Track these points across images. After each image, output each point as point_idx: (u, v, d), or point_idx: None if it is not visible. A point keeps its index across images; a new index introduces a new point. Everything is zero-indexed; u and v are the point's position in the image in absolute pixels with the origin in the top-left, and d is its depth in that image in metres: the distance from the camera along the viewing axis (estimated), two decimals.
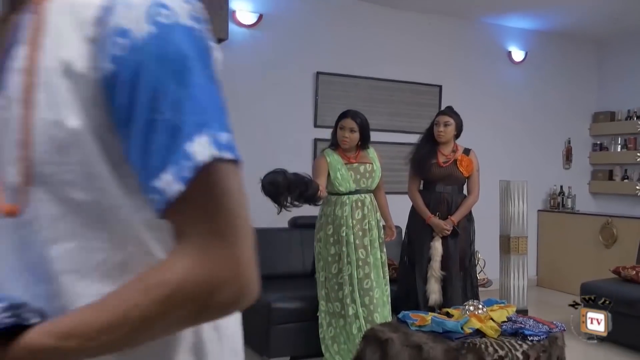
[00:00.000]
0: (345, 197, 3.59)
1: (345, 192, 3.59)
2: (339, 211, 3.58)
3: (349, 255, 3.53)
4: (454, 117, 3.88)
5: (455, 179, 3.86)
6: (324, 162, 3.62)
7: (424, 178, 3.93)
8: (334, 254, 3.58)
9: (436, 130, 3.86)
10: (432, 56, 5.85)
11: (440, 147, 3.89)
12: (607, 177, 6.67)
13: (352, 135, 3.61)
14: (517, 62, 6.35)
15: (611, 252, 5.70)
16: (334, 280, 3.58)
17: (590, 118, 6.89)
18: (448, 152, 3.89)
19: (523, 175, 5.53)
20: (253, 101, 5.01)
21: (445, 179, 3.85)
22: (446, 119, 3.85)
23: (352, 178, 3.60)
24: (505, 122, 6.29)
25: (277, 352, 3.67)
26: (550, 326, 2.91)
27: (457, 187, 3.90)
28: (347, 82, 5.37)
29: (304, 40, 5.24)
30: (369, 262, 3.57)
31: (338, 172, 3.59)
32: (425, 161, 3.86)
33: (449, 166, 3.84)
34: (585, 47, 6.84)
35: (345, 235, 3.54)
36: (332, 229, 3.59)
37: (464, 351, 2.61)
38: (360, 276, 3.54)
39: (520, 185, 5.01)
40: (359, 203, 3.61)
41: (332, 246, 3.59)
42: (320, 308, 3.63)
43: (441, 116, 3.90)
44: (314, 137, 5.22)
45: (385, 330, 2.83)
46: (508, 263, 4.94)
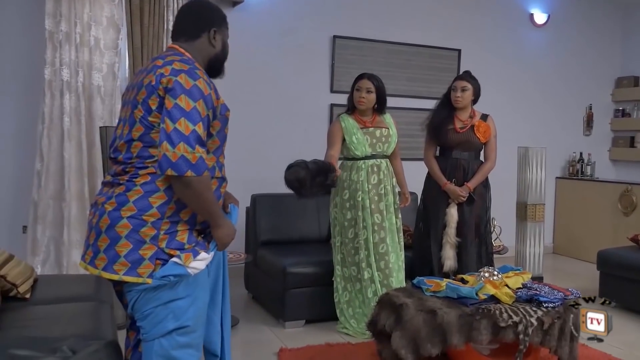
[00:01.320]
0: (361, 162, 3.58)
1: (360, 157, 3.57)
2: (355, 176, 3.57)
3: (364, 219, 3.54)
4: (472, 82, 3.80)
5: (472, 145, 3.80)
6: (338, 128, 3.60)
7: (441, 144, 3.89)
8: (350, 219, 3.59)
9: (453, 95, 3.80)
10: (451, 19, 5.71)
11: (457, 112, 3.83)
12: (628, 144, 6.55)
13: (369, 96, 3.57)
14: (539, 25, 6.18)
15: (630, 220, 5.64)
16: (350, 244, 3.60)
17: (613, 83, 6.73)
18: (465, 118, 3.83)
19: (542, 142, 5.45)
20: (269, 65, 4.96)
21: (462, 145, 3.79)
22: (463, 84, 3.78)
23: (367, 142, 3.58)
24: (525, 87, 6.18)
25: (293, 315, 3.72)
26: (565, 293, 2.90)
27: (473, 153, 3.84)
28: (364, 46, 5.28)
29: (320, 3, 5.15)
30: (385, 226, 3.58)
31: (354, 136, 3.56)
32: (441, 127, 3.81)
33: (465, 132, 3.78)
34: (610, 10, 6.63)
35: (361, 200, 3.54)
36: (348, 193, 3.59)
37: (478, 317, 2.62)
38: (376, 240, 3.55)
39: (538, 152, 4.94)
40: (375, 168, 3.60)
41: (349, 211, 3.59)
42: (336, 272, 3.67)
43: (458, 81, 3.83)
44: (330, 102, 5.18)
45: (400, 295, 2.85)
46: (524, 230, 4.92)
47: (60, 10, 4.03)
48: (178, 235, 1.82)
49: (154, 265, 1.78)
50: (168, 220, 1.81)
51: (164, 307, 1.81)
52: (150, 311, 1.82)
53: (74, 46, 4.08)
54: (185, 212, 1.84)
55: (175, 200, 1.81)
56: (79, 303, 2.63)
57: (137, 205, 1.78)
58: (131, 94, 1.89)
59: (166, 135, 1.70)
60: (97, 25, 4.17)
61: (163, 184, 1.80)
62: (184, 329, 1.84)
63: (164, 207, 1.80)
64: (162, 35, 4.33)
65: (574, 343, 2.85)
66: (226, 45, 2.04)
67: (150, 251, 1.78)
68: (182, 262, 1.79)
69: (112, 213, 1.78)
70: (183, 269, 1.79)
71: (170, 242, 1.80)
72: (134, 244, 1.77)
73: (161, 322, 1.82)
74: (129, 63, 4.33)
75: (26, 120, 4.20)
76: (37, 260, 4.05)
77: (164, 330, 1.82)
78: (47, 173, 4.07)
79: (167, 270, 1.78)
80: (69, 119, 4.09)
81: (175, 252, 1.80)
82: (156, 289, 1.80)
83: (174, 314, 1.82)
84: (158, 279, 1.77)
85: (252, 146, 4.87)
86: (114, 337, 2.21)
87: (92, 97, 4.17)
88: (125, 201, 1.79)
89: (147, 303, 1.82)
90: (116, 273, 1.77)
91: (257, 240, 4.21)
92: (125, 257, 1.76)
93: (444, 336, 2.60)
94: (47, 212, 4.08)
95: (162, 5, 4.32)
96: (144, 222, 1.78)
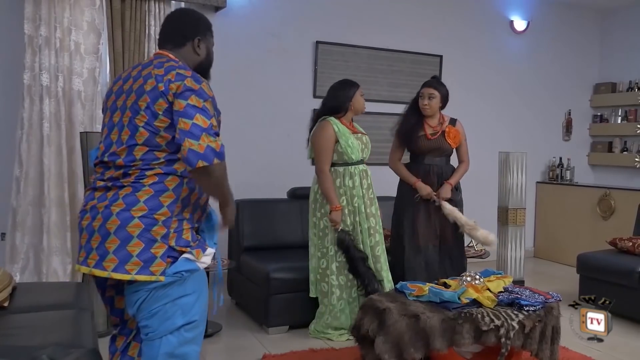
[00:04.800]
0: (352, 168, 3.57)
1: (353, 162, 3.57)
2: (350, 182, 3.56)
3: (360, 224, 3.56)
4: (439, 89, 3.82)
5: (443, 150, 3.85)
6: (332, 132, 3.53)
7: (411, 150, 3.92)
8: (350, 224, 3.57)
9: (421, 103, 3.81)
10: (432, 25, 5.77)
11: (426, 118, 3.86)
12: (606, 149, 6.66)
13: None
14: (519, 32, 6.27)
15: (608, 224, 5.73)
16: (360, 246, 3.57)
17: (591, 89, 6.84)
18: (435, 124, 3.86)
19: (522, 147, 5.51)
20: (252, 71, 4.96)
21: (434, 152, 3.84)
22: (430, 91, 3.80)
23: (359, 147, 3.59)
24: (506, 92, 6.25)
25: (276, 321, 3.71)
26: (546, 296, 2.93)
27: (445, 159, 3.90)
28: (346, 52, 5.30)
29: (303, 8, 5.16)
30: (378, 230, 3.61)
31: (349, 140, 3.54)
32: (412, 134, 3.83)
33: (437, 139, 3.82)
34: (589, 17, 6.75)
35: (358, 205, 3.55)
36: (345, 200, 3.57)
37: (460, 321, 2.64)
38: (372, 244, 3.58)
39: (519, 157, 5.00)
40: (364, 173, 3.61)
41: (347, 217, 3.56)
42: (331, 282, 3.55)
43: (425, 88, 3.83)
44: (313, 107, 5.18)
45: (383, 299, 2.85)
46: (506, 234, 4.96)
47: (39, 14, 3.98)
48: (184, 233, 1.89)
49: (165, 263, 1.83)
50: (176, 219, 1.87)
51: (173, 303, 1.86)
52: (159, 309, 1.86)
53: (54, 51, 4.04)
54: (187, 211, 1.92)
55: (181, 199, 1.89)
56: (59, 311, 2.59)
57: (148, 204, 1.83)
58: (128, 101, 1.91)
59: (186, 133, 1.76)
60: (77, 29, 4.13)
61: (171, 184, 1.87)
62: (191, 325, 1.90)
63: (173, 206, 1.87)
64: (143, 40, 4.30)
65: (555, 346, 2.89)
66: (210, 53, 2.11)
67: (161, 249, 1.83)
68: (195, 258, 1.88)
69: (122, 214, 1.81)
70: (194, 264, 1.88)
71: (179, 240, 1.87)
72: (145, 243, 1.81)
73: (169, 318, 1.87)
74: (110, 68, 4.29)
75: (5, 126, 4.14)
76: (16, 268, 3.98)
77: (173, 326, 1.87)
78: (27, 179, 4.01)
79: (180, 266, 1.85)
80: (49, 124, 4.03)
81: (186, 249, 1.87)
82: (165, 286, 1.84)
83: (182, 310, 1.88)
84: (171, 275, 1.83)
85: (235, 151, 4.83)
86: (95, 345, 2.18)
87: (73, 102, 4.13)
88: (135, 201, 1.82)
89: (156, 301, 1.85)
90: (128, 273, 1.80)
91: (240, 246, 4.19)
92: (137, 257, 1.80)
93: (427, 340, 2.62)
94: (26, 218, 4.02)
95: (143, 10, 4.29)
96: (156, 221, 1.83)
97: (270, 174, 4.95)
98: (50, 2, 4.01)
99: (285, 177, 4.73)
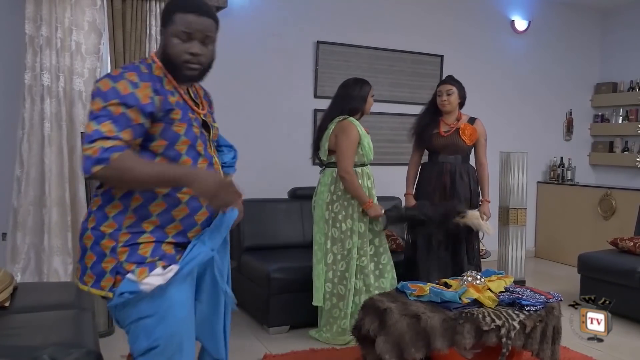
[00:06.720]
0: (367, 169, 3.56)
1: (367, 163, 3.55)
2: (368, 182, 3.53)
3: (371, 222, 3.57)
4: (456, 85, 3.83)
5: (457, 148, 3.79)
6: (357, 133, 3.46)
7: (427, 148, 3.91)
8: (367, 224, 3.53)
9: (439, 100, 3.82)
10: (434, 25, 5.77)
11: (443, 116, 3.85)
12: (607, 148, 6.66)
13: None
14: (520, 32, 6.26)
15: (609, 224, 5.72)
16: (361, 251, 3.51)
17: (592, 89, 6.84)
18: (451, 122, 3.84)
19: (523, 147, 5.51)
20: (252, 71, 4.96)
21: (447, 149, 3.80)
22: (448, 87, 3.81)
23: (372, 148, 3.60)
24: (507, 92, 6.25)
25: (277, 321, 3.71)
26: (547, 296, 2.93)
27: (460, 157, 3.83)
28: (347, 52, 5.30)
29: (304, 9, 5.16)
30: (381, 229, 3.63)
31: (366, 141, 3.51)
32: (425, 131, 3.83)
33: (450, 135, 3.79)
34: (590, 17, 6.75)
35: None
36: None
37: (461, 321, 2.63)
38: (377, 244, 3.59)
39: (520, 157, 5.00)
40: (371, 175, 3.60)
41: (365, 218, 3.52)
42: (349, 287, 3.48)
43: (443, 85, 3.86)
44: (314, 107, 5.18)
45: (384, 299, 2.85)
46: (507, 234, 4.96)
47: (40, 14, 3.98)
48: (140, 248, 1.71)
49: (114, 279, 1.69)
50: (127, 232, 1.71)
51: (136, 324, 1.71)
52: (128, 328, 1.74)
53: (55, 51, 4.04)
54: (149, 223, 1.73)
55: (133, 209, 1.71)
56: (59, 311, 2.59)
57: (96, 216, 1.74)
58: None
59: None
60: (78, 29, 4.13)
61: (118, 192, 1.72)
62: (155, 350, 1.69)
63: (120, 217, 1.71)
64: (144, 40, 4.30)
65: (556, 346, 2.89)
66: (168, 45, 1.77)
67: (110, 264, 1.69)
68: (136, 278, 1.66)
69: (83, 224, 1.77)
70: (136, 285, 1.65)
71: (131, 255, 1.69)
72: (97, 256, 1.71)
73: (136, 341, 1.72)
74: (110, 68, 4.29)
75: (6, 126, 4.14)
76: (17, 268, 3.98)
77: (140, 349, 1.71)
78: (27, 179, 4.01)
79: (122, 287, 1.67)
80: (50, 124, 4.03)
81: (132, 266, 1.68)
82: (124, 305, 1.69)
83: (145, 333, 1.70)
84: (117, 296, 1.66)
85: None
86: (96, 346, 2.18)
87: (74, 102, 4.13)
88: (90, 212, 1.77)
89: (123, 320, 1.75)
90: (86, 284, 1.74)
91: (241, 246, 4.19)
92: (91, 269, 1.72)
93: (428, 340, 2.61)
94: (27, 218, 4.02)
95: (144, 10, 4.29)
96: (103, 234, 1.71)
97: (271, 174, 4.96)
98: (51, 2, 4.01)
99: (286, 177, 4.73)
